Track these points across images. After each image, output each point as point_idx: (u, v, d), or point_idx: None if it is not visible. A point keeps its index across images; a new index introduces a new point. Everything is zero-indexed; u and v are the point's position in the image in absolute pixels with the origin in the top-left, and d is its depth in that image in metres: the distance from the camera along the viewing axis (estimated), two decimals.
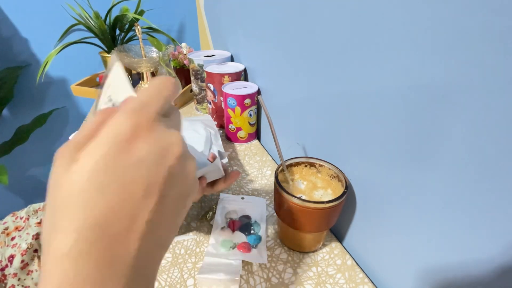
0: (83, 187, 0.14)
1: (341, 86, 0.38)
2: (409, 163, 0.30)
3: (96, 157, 0.15)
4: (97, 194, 0.14)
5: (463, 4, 0.21)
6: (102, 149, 0.15)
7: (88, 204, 0.14)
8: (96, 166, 0.14)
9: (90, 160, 0.15)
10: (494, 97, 0.21)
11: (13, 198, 1.39)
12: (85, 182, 0.14)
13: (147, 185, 0.15)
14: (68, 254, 0.13)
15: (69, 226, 0.14)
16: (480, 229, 0.24)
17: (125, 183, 0.15)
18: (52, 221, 0.14)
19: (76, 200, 0.14)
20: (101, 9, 0.98)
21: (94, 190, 0.14)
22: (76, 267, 0.13)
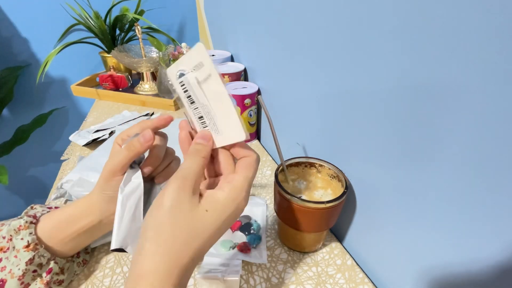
0: (210, 227, 0.23)
1: (341, 86, 0.38)
2: (409, 163, 0.30)
3: (220, 215, 0.24)
4: (211, 235, 0.23)
5: (463, 3, 0.21)
6: (226, 214, 0.24)
7: (208, 242, 0.23)
8: (216, 220, 0.23)
9: (214, 214, 0.23)
10: (494, 97, 0.21)
11: (13, 198, 1.39)
12: (211, 224, 0.23)
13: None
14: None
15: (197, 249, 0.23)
16: (480, 229, 0.24)
17: (226, 229, 0.25)
18: (172, 242, 0.22)
19: (199, 236, 0.23)
20: (101, 9, 0.98)
21: (213, 232, 0.23)
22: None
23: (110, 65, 0.99)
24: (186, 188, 0.23)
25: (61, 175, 0.58)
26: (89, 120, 0.81)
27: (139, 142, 0.32)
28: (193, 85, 0.25)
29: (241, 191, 0.24)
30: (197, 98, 0.25)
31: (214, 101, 0.25)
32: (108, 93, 0.92)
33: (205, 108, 0.25)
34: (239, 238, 0.43)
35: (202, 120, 0.26)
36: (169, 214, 0.22)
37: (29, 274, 0.32)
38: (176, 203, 0.22)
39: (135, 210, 0.33)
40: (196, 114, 0.26)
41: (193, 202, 0.23)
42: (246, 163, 0.26)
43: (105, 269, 0.39)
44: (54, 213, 0.35)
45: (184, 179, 0.23)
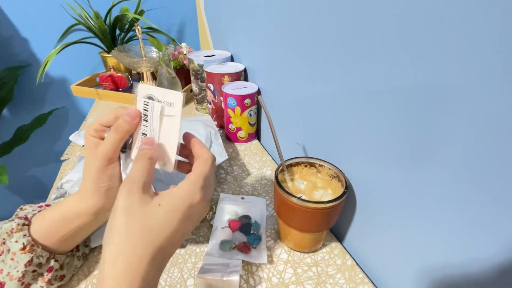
0: (165, 223, 0.25)
1: (342, 86, 0.38)
2: (409, 163, 0.30)
3: (174, 208, 0.26)
4: (172, 231, 0.25)
5: (464, 3, 0.21)
6: (181, 207, 0.26)
7: (164, 235, 0.25)
8: (171, 212, 0.25)
9: (168, 207, 0.25)
10: (494, 97, 0.21)
11: (13, 198, 1.39)
12: (166, 217, 0.25)
13: (192, 228, 0.29)
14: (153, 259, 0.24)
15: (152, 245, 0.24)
16: (480, 229, 0.24)
17: (188, 226, 0.27)
18: (132, 237, 0.23)
19: (155, 230, 0.24)
20: (101, 9, 0.98)
21: (172, 227, 0.25)
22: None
23: (110, 65, 0.99)
24: (134, 189, 0.25)
25: (61, 175, 0.58)
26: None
27: (126, 121, 0.31)
28: (155, 111, 0.29)
29: (194, 184, 0.27)
30: (151, 120, 0.30)
31: (164, 133, 0.30)
32: (108, 93, 0.92)
33: (152, 132, 0.30)
34: (239, 238, 0.43)
35: (143, 136, 0.31)
36: (121, 215, 0.24)
37: (29, 275, 0.32)
38: (126, 204, 0.24)
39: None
40: (143, 129, 0.31)
41: (144, 200, 0.25)
42: (200, 161, 0.29)
43: None
44: (46, 214, 0.34)
45: (131, 182, 0.25)
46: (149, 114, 0.30)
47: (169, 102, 0.29)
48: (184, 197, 0.26)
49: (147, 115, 0.30)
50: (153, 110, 0.29)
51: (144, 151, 0.28)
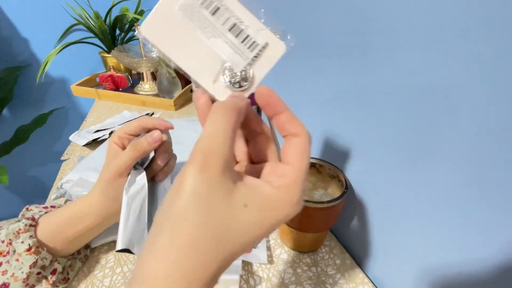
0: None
1: (341, 86, 0.38)
2: (409, 163, 0.30)
3: (265, 217, 0.17)
4: (248, 242, 0.17)
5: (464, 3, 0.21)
6: (274, 218, 0.17)
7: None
8: (258, 223, 0.17)
9: (257, 214, 0.17)
10: (494, 97, 0.21)
11: (13, 198, 1.39)
12: (251, 226, 0.17)
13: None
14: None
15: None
16: (480, 229, 0.24)
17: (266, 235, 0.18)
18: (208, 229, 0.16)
19: (234, 239, 0.16)
20: (101, 9, 0.98)
21: (252, 238, 0.17)
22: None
23: (110, 65, 0.99)
24: (212, 168, 0.16)
25: (61, 175, 0.58)
26: (89, 120, 0.81)
27: (147, 141, 0.32)
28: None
29: (296, 191, 0.18)
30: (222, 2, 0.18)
31: (238, 9, 0.19)
32: (108, 93, 0.92)
33: (234, 18, 0.19)
34: None
35: (235, 34, 0.19)
36: (194, 203, 0.16)
37: (33, 276, 0.32)
38: (201, 188, 0.16)
39: (140, 211, 0.33)
40: (225, 26, 0.19)
41: (225, 188, 0.16)
42: (298, 149, 0.19)
43: (105, 269, 0.39)
44: (53, 215, 0.35)
45: (206, 154, 0.16)
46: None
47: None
48: (281, 207, 0.17)
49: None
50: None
51: (228, 102, 0.18)
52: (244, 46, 0.18)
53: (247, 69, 0.19)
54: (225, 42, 0.19)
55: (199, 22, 0.18)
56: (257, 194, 0.17)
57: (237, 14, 0.18)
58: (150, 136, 0.32)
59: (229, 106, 0.18)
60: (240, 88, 0.20)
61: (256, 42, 0.18)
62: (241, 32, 0.18)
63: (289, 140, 0.19)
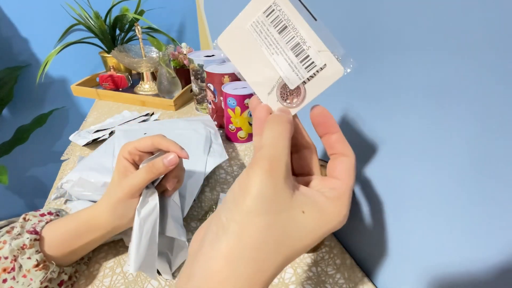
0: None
1: (341, 86, 0.38)
2: (409, 162, 0.30)
3: (320, 225, 0.18)
4: (303, 247, 0.18)
5: (464, 3, 0.21)
6: (325, 227, 0.18)
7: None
8: (314, 229, 0.18)
9: (314, 221, 0.18)
10: (494, 97, 0.21)
11: (13, 198, 1.39)
12: (308, 232, 0.18)
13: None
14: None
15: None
16: (480, 229, 0.24)
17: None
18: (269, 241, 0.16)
19: (292, 244, 0.17)
20: (101, 9, 0.98)
21: (306, 243, 0.18)
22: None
23: (110, 65, 0.99)
24: (277, 173, 0.16)
25: (61, 175, 0.58)
26: (89, 120, 0.81)
27: (163, 164, 0.31)
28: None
29: (346, 203, 0.19)
30: (287, 18, 0.20)
31: (301, 27, 0.20)
32: (108, 93, 0.92)
33: (298, 38, 0.20)
34: None
35: (296, 53, 0.20)
36: (262, 205, 0.16)
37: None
38: (268, 192, 0.16)
39: (151, 233, 0.33)
40: (289, 45, 0.20)
41: (287, 194, 0.17)
42: (347, 166, 0.20)
43: (105, 269, 0.39)
44: (57, 227, 0.34)
45: (273, 159, 0.17)
46: (280, 15, 0.20)
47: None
48: (334, 216, 0.18)
49: (279, 17, 0.20)
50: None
51: (282, 115, 0.20)
52: (301, 66, 0.19)
53: (300, 87, 0.20)
54: (285, 59, 0.20)
55: (266, 38, 0.20)
56: (313, 203, 0.18)
57: (302, 34, 0.19)
58: (167, 158, 0.31)
59: (285, 118, 0.19)
60: (290, 104, 0.21)
61: (315, 63, 0.19)
62: (302, 52, 0.19)
63: (337, 158, 0.20)
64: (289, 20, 0.19)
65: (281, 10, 0.19)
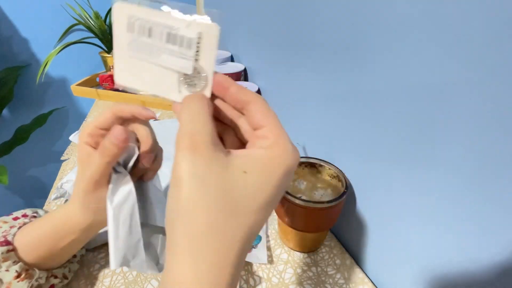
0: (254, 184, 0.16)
1: (342, 86, 0.38)
2: (409, 163, 0.30)
3: (267, 184, 0.17)
4: (260, 208, 0.16)
5: (464, 3, 0.21)
6: (274, 177, 0.17)
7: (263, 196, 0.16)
8: (263, 184, 0.17)
9: (259, 177, 0.16)
10: (493, 97, 0.21)
11: (13, 198, 1.39)
12: (258, 190, 0.16)
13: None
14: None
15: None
16: (480, 229, 0.24)
17: (276, 202, 0.18)
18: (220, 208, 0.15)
19: (246, 207, 0.16)
20: (101, 9, 0.98)
21: (263, 203, 0.16)
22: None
23: (110, 65, 0.99)
24: (201, 145, 0.16)
25: (61, 175, 0.58)
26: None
27: (111, 143, 0.25)
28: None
29: (285, 141, 0.18)
30: (146, 20, 0.20)
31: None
32: (108, 93, 0.92)
33: (165, 28, 0.20)
34: None
35: (173, 41, 0.20)
36: (196, 186, 0.15)
37: None
38: (197, 169, 0.15)
39: (130, 222, 0.29)
40: (163, 40, 0.20)
41: (219, 159, 0.16)
42: (260, 110, 0.19)
43: (105, 269, 0.39)
44: (30, 231, 0.31)
45: (192, 134, 0.16)
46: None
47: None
48: (279, 163, 0.17)
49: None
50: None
51: (192, 95, 0.20)
52: (184, 49, 0.19)
53: (197, 67, 0.19)
54: (170, 54, 0.20)
55: (146, 49, 0.20)
56: (252, 159, 0.17)
57: (165, 23, 0.19)
58: (113, 135, 0.25)
59: (197, 95, 0.19)
60: (201, 88, 0.20)
61: (190, 37, 0.19)
62: (176, 37, 0.19)
63: (249, 110, 0.19)
64: (148, 21, 0.19)
65: (137, 18, 0.20)
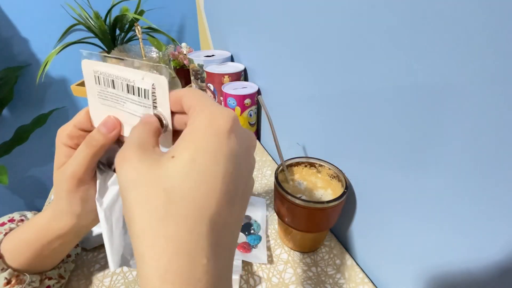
0: (188, 184, 0.15)
1: (341, 86, 0.38)
2: (409, 163, 0.30)
3: (196, 152, 0.16)
4: (202, 187, 0.15)
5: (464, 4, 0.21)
6: (203, 143, 0.16)
7: (196, 197, 0.15)
8: (196, 161, 0.15)
9: (187, 156, 0.16)
10: (493, 98, 0.21)
11: (13, 198, 1.39)
12: (188, 177, 0.15)
13: (238, 177, 0.17)
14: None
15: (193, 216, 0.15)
16: (480, 229, 0.24)
17: (225, 175, 0.16)
18: (157, 211, 0.15)
19: (183, 194, 0.15)
20: (101, 9, 0.97)
21: (201, 184, 0.15)
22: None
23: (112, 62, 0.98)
24: (129, 155, 0.17)
25: None
26: None
27: (100, 132, 0.23)
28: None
29: (205, 108, 0.17)
30: (109, 74, 0.24)
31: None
32: None
33: (124, 81, 0.23)
34: (239, 238, 0.43)
35: (132, 92, 0.23)
36: (126, 194, 0.16)
37: None
38: (126, 177, 0.16)
39: (124, 221, 0.27)
40: (124, 91, 0.23)
41: (148, 160, 0.16)
42: (189, 96, 0.20)
43: (105, 269, 0.39)
44: (17, 236, 0.29)
45: (123, 151, 0.18)
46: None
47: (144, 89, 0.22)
48: (201, 126, 0.16)
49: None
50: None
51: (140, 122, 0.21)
52: (143, 98, 0.22)
53: (157, 114, 0.22)
54: (132, 103, 0.22)
55: (113, 99, 0.23)
56: (179, 142, 0.17)
57: (124, 76, 0.22)
58: (104, 124, 0.23)
59: (142, 121, 0.21)
60: (163, 129, 0.22)
61: (146, 88, 0.21)
62: (134, 88, 0.22)
63: (184, 106, 0.20)
64: (110, 75, 0.23)
65: (102, 72, 0.23)
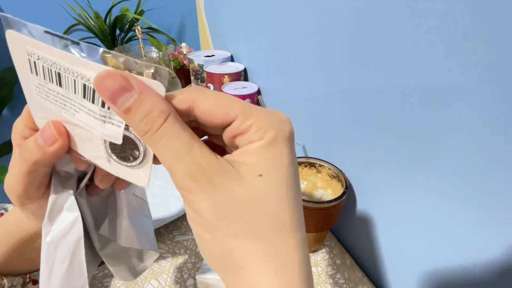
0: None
1: (341, 86, 0.38)
2: (409, 163, 0.30)
3: (282, 169, 0.15)
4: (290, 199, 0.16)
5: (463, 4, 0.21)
6: (285, 160, 0.16)
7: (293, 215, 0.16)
8: (283, 183, 0.15)
9: (275, 176, 0.15)
10: (493, 98, 0.21)
11: None
12: (281, 187, 0.15)
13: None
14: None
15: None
16: (480, 229, 0.24)
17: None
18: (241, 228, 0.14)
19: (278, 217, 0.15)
20: (101, 9, 0.97)
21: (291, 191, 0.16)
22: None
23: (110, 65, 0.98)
24: (204, 179, 0.13)
25: None
26: None
27: (36, 144, 0.17)
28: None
29: (269, 119, 0.16)
30: (53, 62, 0.14)
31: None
32: None
33: (80, 79, 0.14)
34: None
35: (91, 99, 0.14)
36: (215, 222, 0.14)
37: None
38: (214, 206, 0.14)
39: (71, 262, 0.20)
40: (78, 93, 0.14)
41: (231, 176, 0.14)
42: (218, 101, 0.15)
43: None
44: None
45: (189, 174, 0.14)
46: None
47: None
48: (277, 141, 0.15)
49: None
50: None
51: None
52: (107, 110, 0.13)
53: (129, 135, 0.14)
54: (87, 113, 0.14)
55: (57, 99, 0.14)
56: (261, 160, 0.15)
57: (79, 70, 0.13)
58: (41, 133, 0.16)
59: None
60: (135, 162, 0.14)
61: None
62: (95, 93, 0.13)
63: (199, 108, 0.15)
64: (54, 63, 0.13)
65: (41, 57, 0.14)
